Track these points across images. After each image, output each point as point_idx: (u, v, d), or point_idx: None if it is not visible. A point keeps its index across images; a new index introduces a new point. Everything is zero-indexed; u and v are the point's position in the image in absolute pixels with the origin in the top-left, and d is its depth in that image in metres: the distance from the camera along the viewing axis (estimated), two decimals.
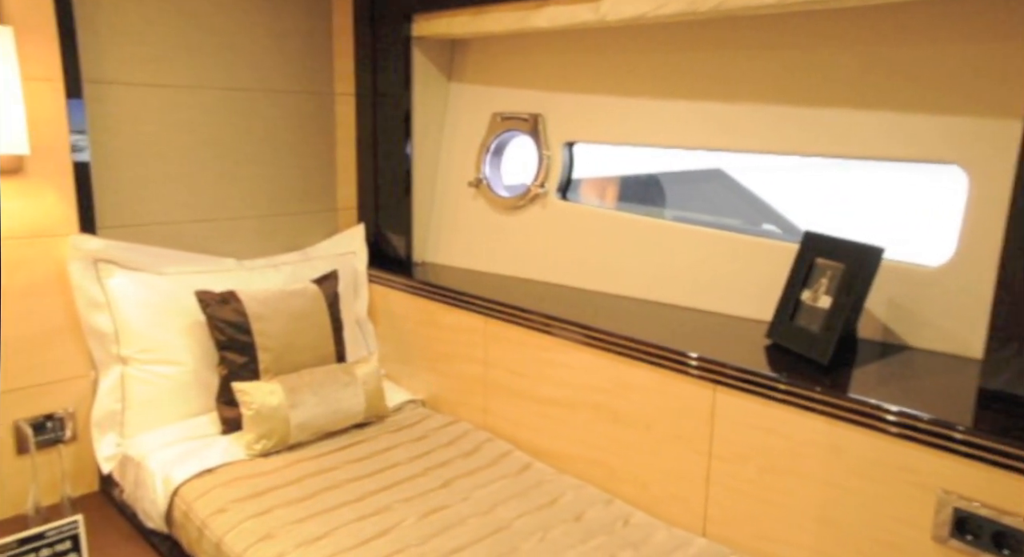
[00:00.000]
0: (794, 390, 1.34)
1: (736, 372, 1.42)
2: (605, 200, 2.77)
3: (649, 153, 3.01)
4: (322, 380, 1.86)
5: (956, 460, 1.16)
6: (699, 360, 1.48)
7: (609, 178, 3.34)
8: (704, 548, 1.44)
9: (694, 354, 1.48)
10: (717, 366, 1.45)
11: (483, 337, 1.96)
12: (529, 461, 1.79)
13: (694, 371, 1.49)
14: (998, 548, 1.11)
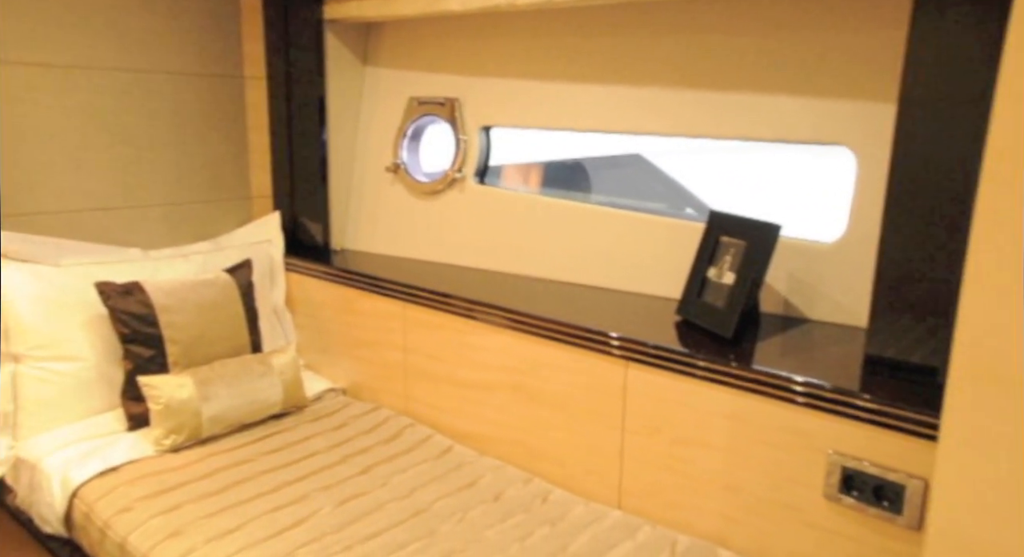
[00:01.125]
0: (699, 363, 1.39)
1: (646, 348, 1.46)
2: (529, 186, 2.79)
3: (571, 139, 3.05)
4: (236, 371, 1.82)
5: (844, 422, 1.23)
6: (611, 338, 1.51)
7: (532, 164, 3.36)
8: (619, 520, 1.48)
9: (607, 332, 1.52)
10: (628, 343, 1.49)
11: (402, 323, 1.95)
12: (450, 445, 1.80)
13: (607, 348, 1.52)
14: (878, 500, 1.19)
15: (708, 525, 1.42)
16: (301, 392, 1.94)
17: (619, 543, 1.40)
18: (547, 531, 1.44)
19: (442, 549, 1.37)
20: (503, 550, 1.37)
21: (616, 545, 1.39)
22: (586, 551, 1.37)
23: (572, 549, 1.38)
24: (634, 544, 1.40)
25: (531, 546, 1.39)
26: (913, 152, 1.22)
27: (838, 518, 1.26)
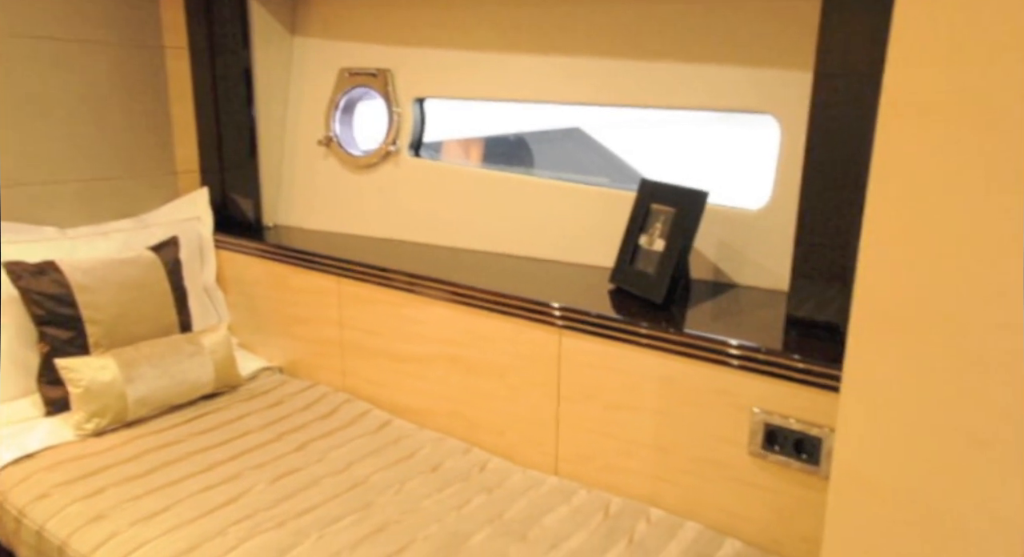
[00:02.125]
0: (630, 329, 1.41)
1: (579, 316, 1.47)
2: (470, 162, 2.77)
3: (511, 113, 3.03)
4: (163, 352, 1.76)
5: (767, 381, 1.27)
6: (546, 306, 1.52)
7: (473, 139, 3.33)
8: (555, 486, 1.50)
9: (541, 301, 1.52)
10: (562, 311, 1.49)
11: (337, 298, 1.92)
12: (388, 419, 1.79)
13: (542, 318, 1.53)
14: (798, 453, 1.23)
15: (641, 486, 1.45)
16: (234, 371, 1.90)
17: (555, 507, 1.42)
18: (484, 499, 1.45)
19: (378, 521, 1.37)
20: (439, 519, 1.38)
21: (552, 509, 1.41)
22: (522, 516, 1.39)
23: (508, 515, 1.39)
24: (569, 508, 1.42)
25: (467, 514, 1.40)
26: (828, 121, 1.26)
27: (762, 472, 1.30)
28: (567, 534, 1.33)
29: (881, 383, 0.74)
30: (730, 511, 1.35)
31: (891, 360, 0.74)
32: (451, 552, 1.28)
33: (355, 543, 1.30)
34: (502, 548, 1.29)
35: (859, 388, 0.76)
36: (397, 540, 1.31)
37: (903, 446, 0.74)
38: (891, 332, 0.73)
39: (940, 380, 0.71)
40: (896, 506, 0.75)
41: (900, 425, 0.74)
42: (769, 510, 1.31)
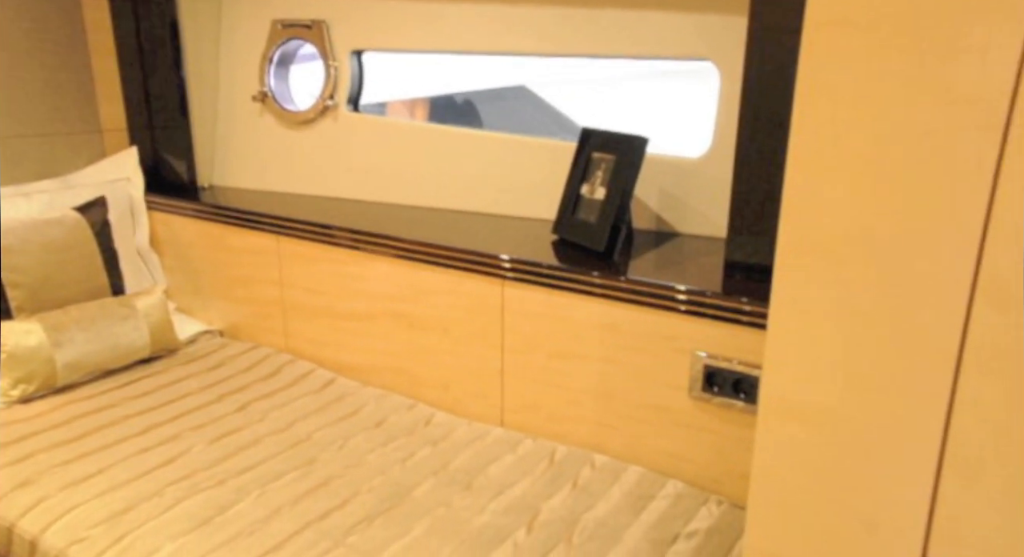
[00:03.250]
0: (572, 277, 1.40)
1: (521, 265, 1.46)
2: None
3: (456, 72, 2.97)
4: (93, 315, 1.69)
5: (706, 323, 1.28)
6: (488, 257, 1.50)
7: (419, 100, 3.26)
8: (500, 436, 1.50)
9: (483, 252, 1.50)
10: (504, 261, 1.48)
11: (277, 257, 1.87)
12: (332, 378, 1.76)
13: (484, 269, 1.51)
14: (737, 394, 1.25)
15: (585, 434, 1.47)
16: (171, 335, 1.84)
17: (500, 457, 1.42)
18: (428, 451, 1.44)
19: (321, 476, 1.35)
20: (384, 472, 1.37)
21: (497, 459, 1.41)
22: (467, 466, 1.39)
23: (453, 465, 1.39)
24: (515, 457, 1.43)
25: (412, 466, 1.39)
26: (762, 68, 1.26)
27: (702, 414, 1.32)
28: (512, 482, 1.34)
29: (805, 308, 0.75)
30: (672, 453, 1.37)
31: (815, 285, 0.74)
32: (395, 503, 1.27)
33: (297, 498, 1.28)
34: (447, 497, 1.29)
35: (785, 314, 0.77)
36: (340, 493, 1.30)
37: (828, 369, 0.75)
38: (815, 257, 0.74)
39: (862, 303, 0.72)
40: (819, 428, 0.76)
41: (824, 348, 0.74)
42: (710, 450, 1.33)
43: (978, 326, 0.66)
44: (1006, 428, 0.67)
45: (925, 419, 0.71)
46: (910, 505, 0.73)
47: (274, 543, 1.17)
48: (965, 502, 0.70)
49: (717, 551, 1.15)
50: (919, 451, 0.71)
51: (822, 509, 0.78)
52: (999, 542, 0.69)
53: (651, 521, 1.22)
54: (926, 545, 0.73)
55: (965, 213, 0.66)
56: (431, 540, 1.17)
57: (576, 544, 1.16)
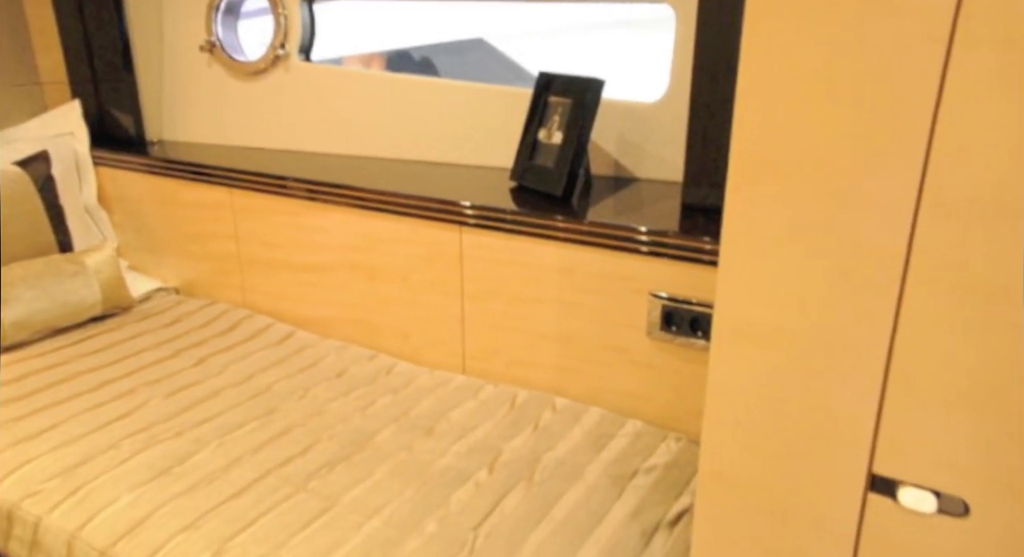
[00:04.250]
0: (530, 220, 1.40)
1: (479, 211, 1.45)
2: None
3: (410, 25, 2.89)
4: (40, 272, 1.64)
5: (664, 263, 1.29)
6: (446, 204, 1.48)
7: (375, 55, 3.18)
8: (462, 383, 1.50)
9: (441, 198, 1.49)
10: (462, 207, 1.47)
11: (231, 211, 1.82)
12: (291, 331, 1.74)
13: (442, 216, 1.50)
14: (694, 332, 1.27)
15: (546, 378, 1.48)
16: (124, 292, 1.79)
17: (461, 403, 1.43)
18: (389, 399, 1.44)
19: (281, 425, 1.34)
20: (344, 420, 1.36)
21: (458, 405, 1.42)
22: (428, 412, 1.39)
23: (415, 412, 1.39)
24: (476, 402, 1.43)
25: (373, 414, 1.39)
26: (716, 11, 1.24)
27: (660, 353, 1.34)
28: (473, 426, 1.34)
29: (757, 229, 0.76)
30: (632, 394, 1.39)
31: (766, 206, 0.74)
32: (356, 449, 1.27)
33: (257, 447, 1.27)
34: (408, 442, 1.29)
35: (736, 236, 0.77)
36: (301, 441, 1.29)
37: (779, 290, 0.76)
38: (765, 178, 0.74)
39: (812, 222, 0.73)
40: (771, 348, 0.78)
41: (776, 269, 0.75)
42: (669, 389, 1.35)
43: (922, 240, 0.68)
44: (947, 340, 0.68)
45: (872, 335, 0.72)
46: (857, 420, 0.75)
47: (234, 490, 1.16)
48: (908, 415, 0.72)
49: (675, 483, 1.17)
50: (866, 367, 0.73)
51: (773, 428, 0.79)
52: (940, 452, 0.71)
53: (611, 458, 1.24)
54: (872, 457, 0.75)
55: (911, 127, 0.67)
56: (393, 482, 1.18)
57: (537, 482, 1.18)
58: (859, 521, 0.77)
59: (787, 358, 0.77)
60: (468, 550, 1.03)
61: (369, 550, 1.03)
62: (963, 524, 0.71)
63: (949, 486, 0.71)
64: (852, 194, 0.70)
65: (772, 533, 0.82)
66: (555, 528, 1.07)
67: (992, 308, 0.65)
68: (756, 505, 0.83)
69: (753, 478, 0.82)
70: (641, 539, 1.05)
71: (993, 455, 0.68)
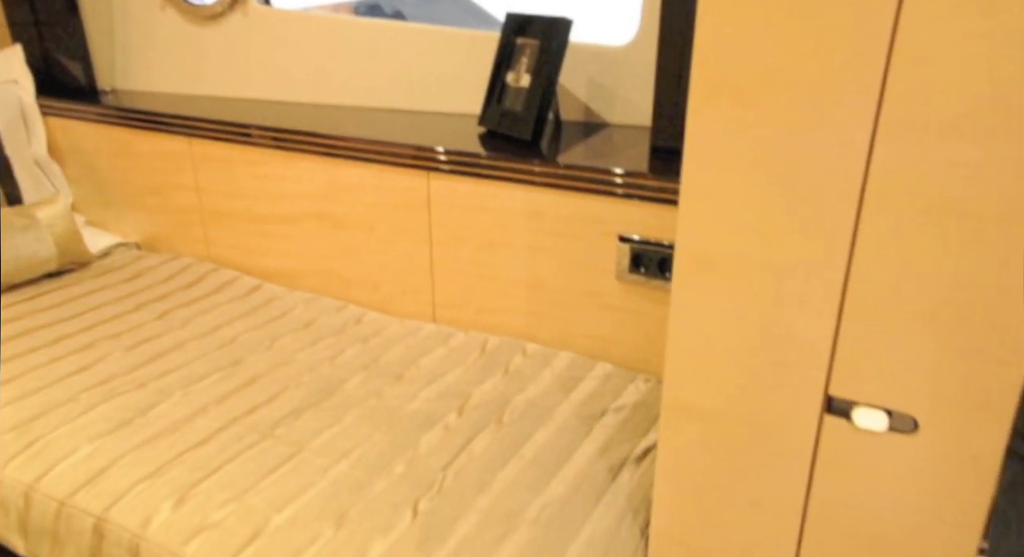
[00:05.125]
0: (498, 164, 1.37)
1: (445, 155, 1.41)
2: None
3: None
4: None
5: (632, 204, 1.27)
6: (411, 149, 1.45)
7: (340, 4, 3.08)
8: (432, 332, 1.49)
9: (407, 143, 1.45)
10: (428, 152, 1.43)
11: (191, 161, 1.76)
12: (258, 284, 1.70)
13: (408, 161, 1.46)
14: (662, 273, 1.26)
15: (516, 324, 1.47)
16: (81, 247, 1.74)
17: (431, 350, 1.41)
18: (359, 348, 1.42)
19: (247, 375, 1.32)
20: (312, 369, 1.34)
21: (428, 352, 1.41)
22: (398, 360, 1.38)
23: (384, 360, 1.38)
24: (446, 349, 1.42)
25: (342, 363, 1.37)
26: None
27: (629, 296, 1.33)
28: (443, 372, 1.33)
29: (717, 154, 0.74)
30: (602, 337, 1.39)
31: (726, 129, 0.73)
32: (324, 397, 1.26)
33: (222, 397, 1.25)
34: (377, 389, 1.28)
35: (697, 162, 0.75)
36: (268, 390, 1.27)
37: (740, 215, 0.75)
38: (726, 101, 0.72)
39: (773, 145, 0.71)
40: (732, 275, 0.77)
41: (737, 194, 0.74)
42: (638, 332, 1.35)
43: (880, 160, 0.66)
44: (903, 261, 0.68)
45: (830, 259, 0.72)
46: (815, 344, 0.75)
47: (199, 439, 1.14)
48: (864, 337, 0.72)
49: (643, 422, 1.18)
50: (824, 291, 0.73)
51: (733, 355, 0.79)
52: (893, 372, 0.72)
53: (580, 399, 1.24)
54: (828, 380, 0.75)
55: (869, 46, 0.65)
56: (361, 427, 1.17)
57: (507, 422, 1.17)
58: (815, 443, 0.77)
59: (747, 285, 0.76)
60: (436, 489, 1.03)
61: (337, 492, 1.02)
62: (912, 440, 0.72)
63: (900, 404, 0.72)
64: (811, 114, 0.69)
65: (732, 458, 0.83)
66: (524, 466, 1.07)
67: (947, 228, 0.65)
68: (717, 432, 0.83)
69: (714, 406, 0.82)
70: (608, 474, 1.05)
71: (942, 372, 0.69)
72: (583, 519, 0.97)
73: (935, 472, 0.72)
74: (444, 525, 0.96)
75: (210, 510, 0.99)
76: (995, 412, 0.67)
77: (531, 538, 0.94)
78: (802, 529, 0.82)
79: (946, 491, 0.73)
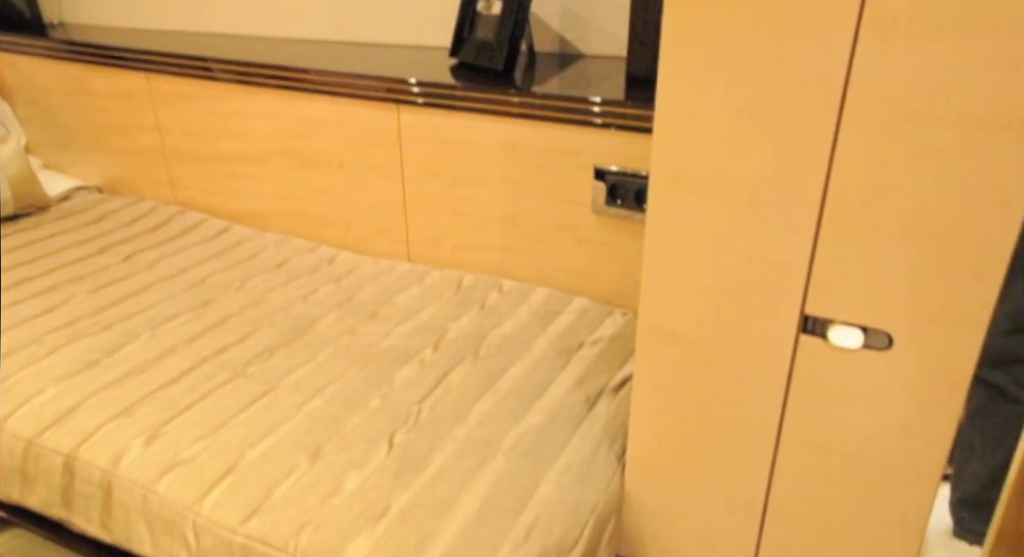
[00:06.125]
0: (471, 95, 1.32)
1: (416, 87, 1.37)
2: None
3: None
4: None
5: (608, 135, 1.24)
6: (380, 81, 1.39)
7: None
8: (406, 271, 1.47)
9: (374, 75, 1.39)
10: (398, 84, 1.38)
11: (150, 98, 1.69)
12: (227, 226, 1.66)
13: (376, 93, 1.41)
14: (639, 204, 1.24)
15: (492, 260, 1.45)
16: (38, 190, 1.67)
17: (406, 288, 1.39)
18: (332, 288, 1.40)
19: (217, 316, 1.29)
20: (285, 309, 1.32)
21: (403, 290, 1.39)
22: (372, 298, 1.35)
23: (358, 298, 1.36)
24: (421, 287, 1.40)
25: (314, 302, 1.34)
26: None
27: (605, 229, 1.31)
28: (418, 309, 1.32)
29: (694, 65, 0.71)
30: (579, 272, 1.38)
31: (702, 40, 0.70)
32: (297, 335, 1.24)
33: (192, 337, 1.23)
34: (351, 327, 1.26)
35: (673, 76, 0.73)
36: (239, 330, 1.25)
37: (716, 131, 0.72)
38: (702, 10, 0.69)
39: (750, 56, 0.69)
40: (709, 194, 0.75)
41: (713, 108, 0.72)
42: (615, 265, 1.34)
43: (861, 65, 0.64)
44: (882, 173, 0.66)
45: (808, 173, 0.70)
46: (792, 263, 0.74)
47: (169, 378, 1.12)
48: (841, 253, 0.71)
49: (620, 354, 1.18)
50: (802, 207, 0.71)
51: (710, 276, 0.78)
52: (869, 289, 0.71)
53: (557, 333, 1.23)
54: (804, 299, 0.75)
55: None
56: (335, 364, 1.15)
57: (483, 356, 1.17)
58: (791, 363, 0.77)
59: (723, 204, 0.75)
60: (412, 422, 1.02)
61: (311, 427, 1.01)
62: (886, 356, 0.72)
63: (876, 321, 0.71)
64: (792, 17, 0.66)
65: (708, 382, 0.83)
66: (500, 398, 1.06)
67: (928, 135, 0.63)
68: (693, 357, 0.83)
69: (690, 330, 0.81)
70: (585, 404, 1.05)
71: (919, 286, 0.68)
72: (560, 448, 0.98)
73: (908, 388, 0.73)
74: (420, 456, 0.96)
75: (182, 447, 0.98)
76: (971, 325, 0.67)
77: (507, 466, 0.94)
78: (776, 449, 0.83)
79: (917, 406, 0.73)
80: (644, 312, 0.84)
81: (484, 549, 0.82)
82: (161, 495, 0.93)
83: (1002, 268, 0.63)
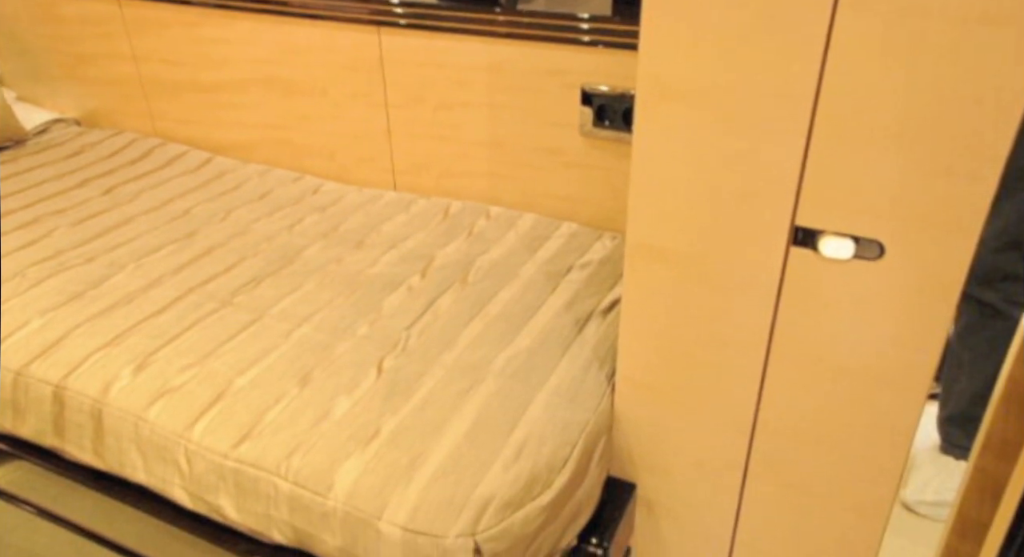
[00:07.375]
0: (455, 14, 1.27)
1: (398, 7, 1.31)
2: None
3: None
4: None
5: (595, 54, 1.20)
6: (361, 2, 1.33)
7: None
8: (393, 199, 1.44)
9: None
10: (380, 5, 1.32)
11: (123, 25, 1.62)
12: (209, 157, 1.62)
13: (357, 15, 1.35)
14: (627, 125, 1.21)
15: (479, 187, 1.42)
16: (13, 122, 1.63)
17: (393, 216, 1.37)
18: (317, 217, 1.37)
19: (202, 246, 1.27)
20: (270, 239, 1.30)
21: (389, 218, 1.36)
22: (358, 227, 1.33)
23: (344, 227, 1.34)
24: (408, 215, 1.38)
25: (300, 231, 1.32)
26: None
27: (593, 151, 1.28)
28: (405, 236, 1.30)
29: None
30: (566, 197, 1.35)
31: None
32: (283, 264, 1.22)
33: (178, 268, 1.21)
34: (337, 255, 1.25)
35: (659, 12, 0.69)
36: (225, 260, 1.23)
37: (703, 45, 0.69)
38: None
39: None
40: (695, 103, 0.72)
41: (700, 22, 0.68)
42: (603, 189, 1.32)
43: None
44: (875, 72, 0.64)
45: (800, 77, 0.67)
46: (782, 174, 0.72)
47: (156, 308, 1.11)
48: (832, 161, 0.69)
49: (609, 277, 1.17)
50: (793, 115, 0.69)
51: (698, 188, 0.76)
52: (861, 197, 0.69)
53: (546, 258, 1.22)
54: (795, 211, 0.73)
55: None
56: (322, 292, 1.14)
57: (471, 282, 1.15)
58: (781, 276, 0.76)
59: (712, 114, 0.72)
60: (401, 348, 1.02)
61: (300, 354, 1.01)
62: (877, 266, 0.71)
63: (867, 230, 0.70)
64: None
65: (698, 298, 0.82)
66: (489, 322, 1.06)
67: (925, 29, 0.60)
68: (682, 272, 0.81)
69: (679, 245, 0.80)
70: (575, 326, 1.05)
71: (910, 192, 0.66)
72: (550, 369, 0.98)
73: (899, 297, 0.72)
74: (409, 380, 0.96)
75: (171, 375, 0.98)
76: (963, 230, 0.66)
77: (497, 388, 0.94)
78: (766, 364, 0.83)
79: (908, 316, 0.72)
80: (632, 230, 0.82)
81: (474, 468, 0.83)
82: (152, 422, 0.93)
83: (997, 170, 0.61)
